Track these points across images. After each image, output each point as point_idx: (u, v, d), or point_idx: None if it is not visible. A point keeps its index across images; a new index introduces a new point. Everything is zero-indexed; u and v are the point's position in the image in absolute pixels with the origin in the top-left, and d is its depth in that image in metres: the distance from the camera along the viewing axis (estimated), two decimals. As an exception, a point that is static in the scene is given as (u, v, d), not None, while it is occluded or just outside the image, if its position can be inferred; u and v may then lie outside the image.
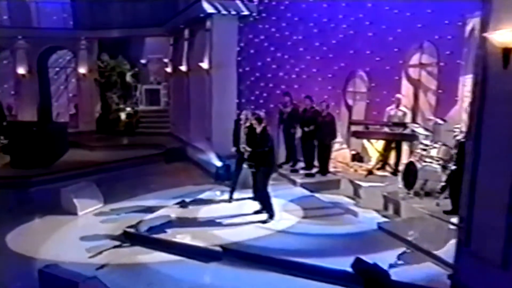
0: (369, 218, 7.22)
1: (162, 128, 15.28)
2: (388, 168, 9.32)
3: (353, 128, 9.90)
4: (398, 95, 9.52)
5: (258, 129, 6.78)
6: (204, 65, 10.45)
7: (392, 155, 9.38)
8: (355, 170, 9.67)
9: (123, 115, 15.89)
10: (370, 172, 9.18)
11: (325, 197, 8.31)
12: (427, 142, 7.83)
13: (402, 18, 9.98)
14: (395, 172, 9.02)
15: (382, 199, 7.78)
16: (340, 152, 10.72)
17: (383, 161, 9.40)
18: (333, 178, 9.21)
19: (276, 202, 7.21)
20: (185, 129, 12.86)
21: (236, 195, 7.98)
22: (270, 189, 6.99)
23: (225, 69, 10.25)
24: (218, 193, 8.41)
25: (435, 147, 7.58)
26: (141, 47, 17.09)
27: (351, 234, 6.43)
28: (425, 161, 7.59)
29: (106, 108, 16.17)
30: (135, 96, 16.82)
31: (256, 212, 7.15)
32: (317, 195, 8.36)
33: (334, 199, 8.30)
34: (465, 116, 8.44)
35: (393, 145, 9.33)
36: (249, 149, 6.68)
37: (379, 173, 9.20)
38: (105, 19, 15.29)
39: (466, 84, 8.71)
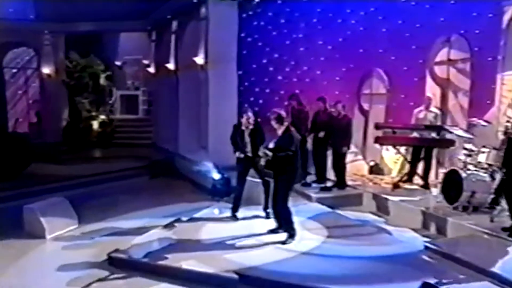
0: (408, 237, 6.83)
1: (142, 139, 15.00)
2: (417, 179, 8.95)
3: (376, 133, 9.50)
4: (428, 94, 9.28)
5: (280, 131, 6.31)
6: (199, 59, 10.09)
7: (419, 165, 9.01)
8: (374, 183, 9.39)
9: (95, 124, 15.52)
10: (396, 185, 8.81)
11: (347, 214, 7.99)
12: (470, 146, 7.41)
13: (421, 11, 9.79)
14: (425, 185, 8.67)
15: (419, 215, 7.38)
16: (355, 163, 10.37)
17: (412, 171, 9.00)
18: (354, 192, 8.93)
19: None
20: (173, 138, 12.56)
21: (240, 212, 7.58)
22: (290, 203, 6.49)
23: (224, 64, 9.98)
24: (216, 211, 8.05)
25: (483, 152, 7.19)
26: (115, 46, 16.75)
27: (393, 256, 5.96)
28: (469, 169, 7.19)
29: (76, 115, 15.70)
30: (110, 102, 16.47)
31: (272, 231, 6.71)
32: (338, 211, 8.04)
33: (358, 216, 7.99)
34: (504, 119, 8.27)
35: (422, 153, 8.94)
36: (270, 153, 6.14)
37: (407, 186, 8.85)
38: (73, 10, 14.38)
39: (505, 82, 8.48)
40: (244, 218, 7.47)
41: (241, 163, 7.41)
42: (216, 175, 9.14)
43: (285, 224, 6.46)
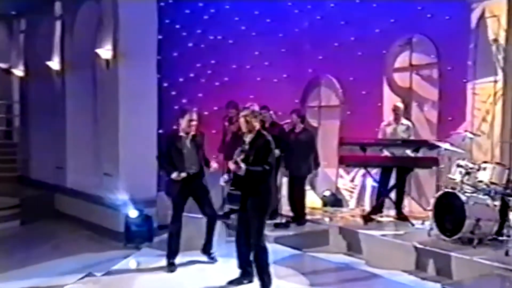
0: (411, 281, 6.59)
1: (3, 170, 13.57)
2: (387, 210, 8.89)
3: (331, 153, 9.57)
4: (397, 104, 9.20)
5: (249, 136, 5.71)
6: (104, 52, 9.22)
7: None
8: (332, 218, 9.24)
9: None
10: (367, 217, 8.62)
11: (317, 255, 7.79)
12: (466, 162, 7.33)
13: (367, 11, 10.03)
14: (401, 216, 8.58)
15: (411, 253, 7.09)
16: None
17: (382, 200, 8.84)
18: (318, 229, 8.69)
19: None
20: (55, 166, 11.58)
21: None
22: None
23: (140, 59, 9.12)
24: (132, 263, 7.41)
25: (484, 169, 7.10)
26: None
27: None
28: (466, 191, 7.09)
29: None
30: None
31: (233, 282, 6.12)
32: (308, 253, 7.84)
33: (329, 257, 7.71)
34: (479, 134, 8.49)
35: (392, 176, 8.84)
36: (243, 166, 5.38)
37: (379, 218, 8.71)
38: None
39: (478, 92, 8.75)
40: (182, 265, 6.91)
41: (178, 186, 6.79)
42: (132, 213, 8.45)
43: (258, 269, 5.81)
